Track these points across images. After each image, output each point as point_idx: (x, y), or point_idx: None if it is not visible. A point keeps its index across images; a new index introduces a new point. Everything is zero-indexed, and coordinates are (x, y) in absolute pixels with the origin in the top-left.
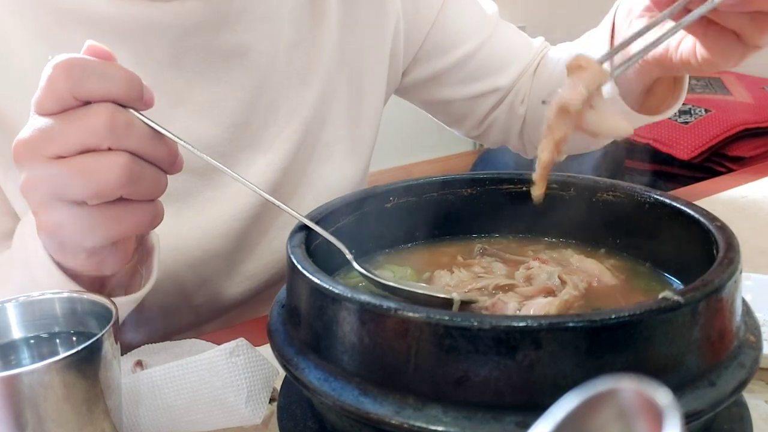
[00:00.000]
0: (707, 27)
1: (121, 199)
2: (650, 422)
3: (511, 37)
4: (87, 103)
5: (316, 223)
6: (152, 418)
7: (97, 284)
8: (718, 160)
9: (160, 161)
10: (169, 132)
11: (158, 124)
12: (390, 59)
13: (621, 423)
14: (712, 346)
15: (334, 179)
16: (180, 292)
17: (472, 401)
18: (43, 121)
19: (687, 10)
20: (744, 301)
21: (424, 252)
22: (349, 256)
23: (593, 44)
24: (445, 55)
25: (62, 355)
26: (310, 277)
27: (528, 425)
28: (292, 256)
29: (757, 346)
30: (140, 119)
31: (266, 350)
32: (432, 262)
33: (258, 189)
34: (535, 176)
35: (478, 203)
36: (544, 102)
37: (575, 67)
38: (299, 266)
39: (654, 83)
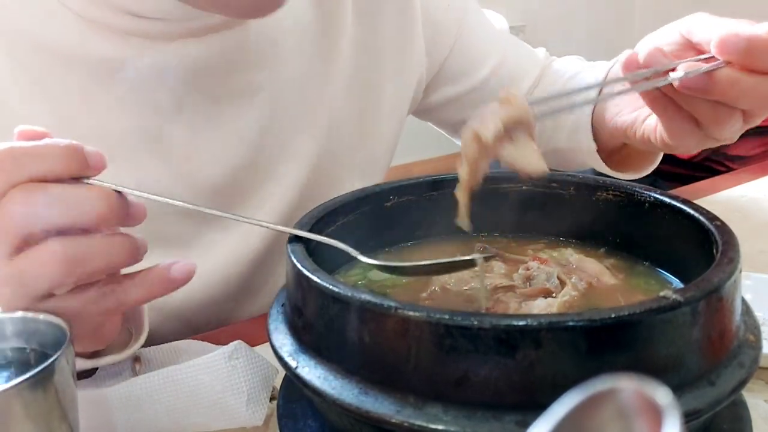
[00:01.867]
0: (667, 106)
1: (83, 285)
2: (650, 421)
3: (520, 52)
4: None
5: (316, 222)
6: (152, 422)
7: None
8: (718, 159)
9: (106, 222)
10: (127, 187)
11: (117, 185)
12: (415, 84)
13: (621, 422)
14: (712, 346)
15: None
16: (186, 327)
17: (473, 400)
18: None
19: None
20: (744, 301)
21: (423, 251)
22: (354, 253)
23: (587, 77)
24: (461, 81)
25: (22, 377)
26: (310, 276)
27: (528, 424)
28: (291, 255)
29: (757, 346)
30: (95, 184)
31: (265, 349)
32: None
33: (255, 220)
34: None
35: (478, 202)
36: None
37: (503, 99)
38: (299, 265)
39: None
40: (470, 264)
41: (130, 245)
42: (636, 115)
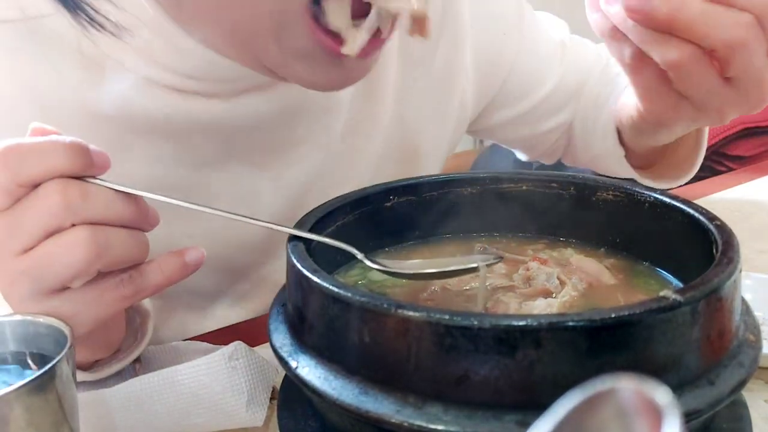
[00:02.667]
0: (632, 60)
1: (99, 275)
2: (650, 421)
3: (583, 55)
4: (37, 186)
5: (317, 222)
6: (153, 422)
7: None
8: (718, 159)
9: (130, 222)
10: (136, 191)
11: (119, 184)
12: (456, 121)
13: (620, 422)
14: (712, 346)
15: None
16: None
17: (473, 400)
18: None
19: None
20: (743, 301)
21: (424, 251)
22: (360, 256)
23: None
24: (520, 103)
25: (22, 381)
26: (310, 276)
27: (528, 424)
28: (291, 255)
29: (757, 346)
30: (99, 184)
31: (265, 350)
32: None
33: (259, 220)
34: None
35: (478, 202)
36: None
37: None
38: (299, 265)
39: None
40: (473, 271)
41: (145, 241)
42: (624, 100)
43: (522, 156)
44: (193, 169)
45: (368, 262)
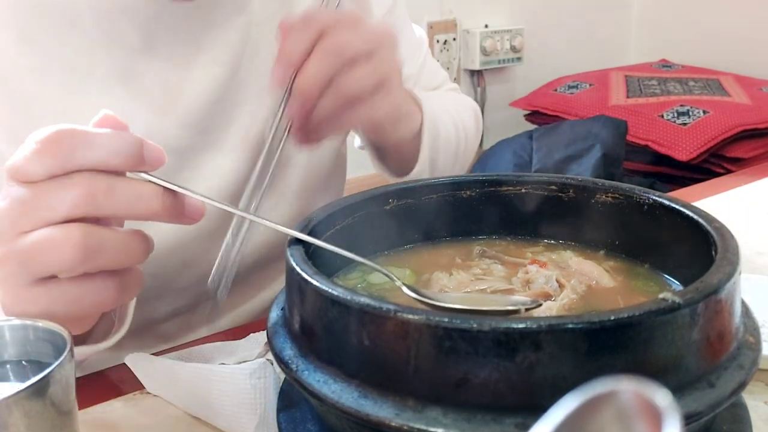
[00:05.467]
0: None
1: (87, 273)
2: (650, 423)
3: (434, 65)
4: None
5: (317, 223)
6: (171, 389)
7: None
8: (717, 162)
9: (161, 217)
10: (182, 188)
11: (165, 180)
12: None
13: (620, 424)
14: (711, 348)
15: (309, 162)
16: (161, 275)
17: (472, 403)
18: (22, 191)
19: None
20: (743, 302)
21: (423, 254)
22: (398, 282)
23: None
24: None
25: (20, 387)
26: (310, 279)
27: (528, 427)
28: (290, 258)
29: (756, 347)
30: (147, 179)
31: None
32: (431, 263)
33: (267, 221)
34: None
35: (477, 205)
36: None
37: None
38: (298, 268)
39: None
40: (513, 313)
41: (145, 245)
42: None
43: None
44: (124, 55)
45: (406, 290)
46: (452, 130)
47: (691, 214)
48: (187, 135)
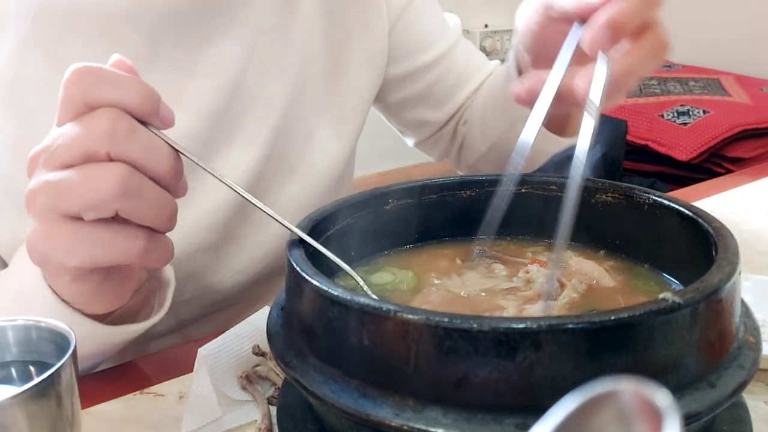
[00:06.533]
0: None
1: (117, 221)
2: (650, 424)
3: (470, 54)
4: None
5: (317, 223)
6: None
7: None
8: (717, 161)
9: (162, 178)
10: (183, 149)
11: (171, 139)
12: (380, 52)
13: (621, 424)
14: (712, 348)
15: (318, 168)
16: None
17: (472, 403)
18: (58, 131)
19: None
20: (743, 302)
21: (423, 254)
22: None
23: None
24: (406, 61)
25: (24, 387)
26: (310, 279)
27: (528, 427)
28: (290, 258)
29: (757, 348)
30: (155, 133)
31: None
32: (432, 264)
33: (279, 217)
34: None
35: (477, 205)
36: None
37: None
38: (298, 268)
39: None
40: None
41: (173, 210)
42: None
43: (407, 140)
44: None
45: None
46: None
47: (691, 214)
48: (191, 144)
